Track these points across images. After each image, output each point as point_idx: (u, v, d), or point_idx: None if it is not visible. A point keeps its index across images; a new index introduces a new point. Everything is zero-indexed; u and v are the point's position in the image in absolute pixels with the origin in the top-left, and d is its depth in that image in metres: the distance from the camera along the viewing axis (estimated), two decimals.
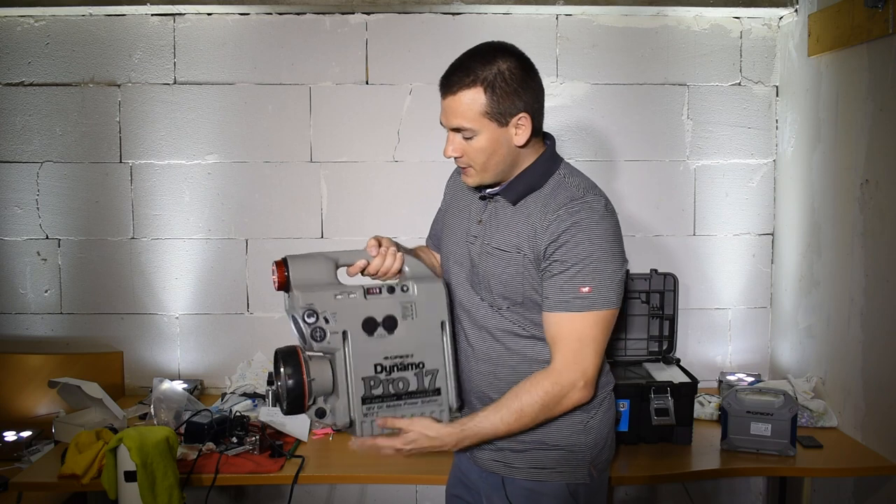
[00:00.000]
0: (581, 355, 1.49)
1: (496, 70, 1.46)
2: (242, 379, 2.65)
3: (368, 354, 1.47)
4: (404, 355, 1.49)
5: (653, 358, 2.49)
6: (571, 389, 1.49)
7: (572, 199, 1.51)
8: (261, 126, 2.71)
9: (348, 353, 1.46)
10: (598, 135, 2.74)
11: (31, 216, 2.71)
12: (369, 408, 1.47)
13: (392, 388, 1.48)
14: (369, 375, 1.47)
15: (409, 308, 1.50)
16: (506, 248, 1.54)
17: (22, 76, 2.66)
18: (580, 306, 1.47)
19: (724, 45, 2.72)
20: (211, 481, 2.02)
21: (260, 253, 2.74)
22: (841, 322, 2.32)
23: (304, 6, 2.63)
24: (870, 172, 2.16)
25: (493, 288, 1.56)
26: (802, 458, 2.13)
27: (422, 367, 1.51)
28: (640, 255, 2.75)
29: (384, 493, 2.83)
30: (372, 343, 1.47)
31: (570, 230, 1.48)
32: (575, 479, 1.59)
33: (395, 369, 1.49)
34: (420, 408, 1.50)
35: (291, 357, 1.44)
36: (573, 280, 1.47)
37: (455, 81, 1.48)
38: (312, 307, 1.44)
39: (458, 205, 1.70)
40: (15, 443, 2.38)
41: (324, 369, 1.46)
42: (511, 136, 1.50)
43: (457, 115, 1.48)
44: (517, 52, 1.53)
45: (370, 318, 1.48)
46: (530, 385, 1.49)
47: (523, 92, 1.49)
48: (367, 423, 1.47)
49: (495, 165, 1.52)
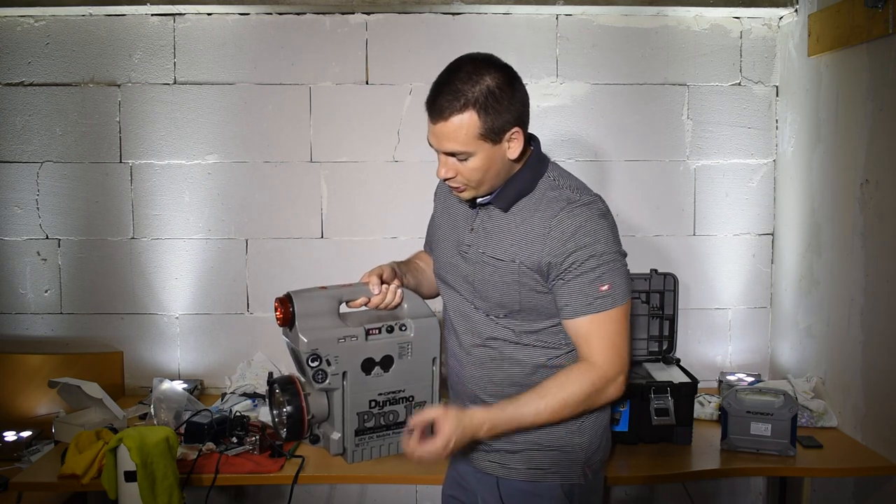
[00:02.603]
0: (617, 351, 1.51)
1: (485, 88, 1.42)
2: (242, 379, 2.65)
3: (364, 392, 1.55)
4: (397, 391, 1.58)
5: (653, 358, 2.49)
6: (612, 383, 1.51)
7: (570, 202, 1.50)
8: (261, 126, 2.71)
9: (347, 392, 1.53)
10: (599, 135, 2.73)
11: (31, 216, 2.71)
12: (361, 438, 1.56)
13: (383, 420, 1.58)
14: (364, 410, 1.55)
15: (406, 347, 1.58)
16: (500, 258, 1.53)
17: (22, 76, 2.66)
18: (604, 305, 1.49)
19: (724, 45, 2.72)
20: (211, 481, 2.02)
21: (260, 253, 2.74)
22: (841, 322, 2.32)
23: (304, 6, 2.63)
24: (870, 172, 2.16)
25: (490, 297, 1.56)
26: (802, 458, 2.14)
27: (411, 400, 1.60)
28: (640, 255, 2.75)
29: (384, 493, 2.83)
30: (369, 381, 1.55)
31: (576, 235, 1.47)
32: (569, 480, 1.60)
33: (387, 403, 1.57)
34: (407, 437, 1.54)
35: (291, 390, 1.52)
36: (593, 283, 1.48)
37: (445, 107, 1.43)
38: (317, 352, 1.50)
39: (447, 213, 1.70)
40: (15, 443, 2.38)
41: (321, 402, 1.54)
42: (505, 150, 1.48)
43: (450, 140, 1.45)
44: (499, 62, 1.48)
45: (369, 359, 1.55)
46: (577, 376, 1.50)
47: (512, 105, 1.46)
48: (359, 452, 1.57)
49: (490, 180, 1.52)
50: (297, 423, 1.51)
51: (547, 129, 2.71)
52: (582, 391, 1.49)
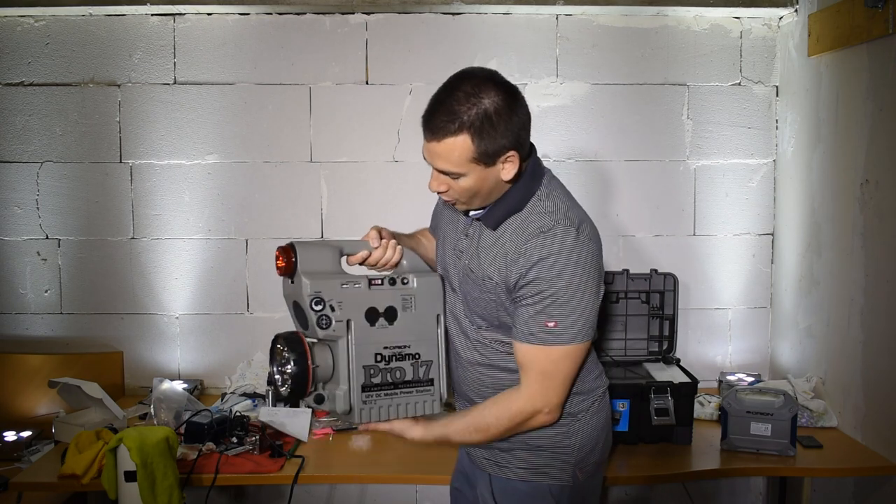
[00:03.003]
0: (545, 386, 1.51)
1: (482, 111, 1.39)
2: (242, 379, 2.65)
3: (370, 343, 1.52)
4: (402, 346, 1.55)
5: (653, 358, 2.49)
6: (537, 415, 1.53)
7: (541, 231, 1.47)
8: (261, 126, 2.71)
9: (351, 342, 1.50)
10: (599, 135, 2.73)
11: (31, 216, 2.71)
12: (368, 395, 1.52)
13: (390, 377, 1.53)
14: (370, 364, 1.52)
15: (409, 300, 1.56)
16: (480, 276, 1.54)
17: (22, 76, 2.66)
18: (545, 340, 1.47)
19: (724, 45, 2.72)
20: (211, 481, 2.01)
21: (260, 253, 2.74)
22: (841, 322, 2.32)
23: (304, 6, 2.63)
24: (870, 172, 2.16)
25: (472, 308, 1.59)
26: (802, 458, 2.14)
27: (417, 358, 1.57)
28: (640, 255, 2.75)
29: (384, 493, 2.83)
30: (373, 333, 1.52)
31: (537, 265, 1.45)
32: (559, 481, 1.60)
33: (393, 359, 1.54)
34: (414, 397, 1.56)
35: (296, 343, 1.48)
36: (539, 315, 1.47)
37: (440, 128, 1.40)
38: (320, 295, 1.48)
39: (449, 211, 1.70)
40: (15, 443, 2.38)
41: (326, 357, 1.50)
42: (498, 171, 1.46)
43: (442, 160, 1.44)
44: (501, 81, 1.43)
45: (373, 308, 1.53)
46: (502, 402, 1.54)
47: (509, 129, 1.42)
48: (366, 410, 1.52)
49: (483, 198, 1.51)
50: (302, 381, 1.47)
51: (547, 129, 2.71)
52: (503, 417, 1.52)
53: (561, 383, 1.52)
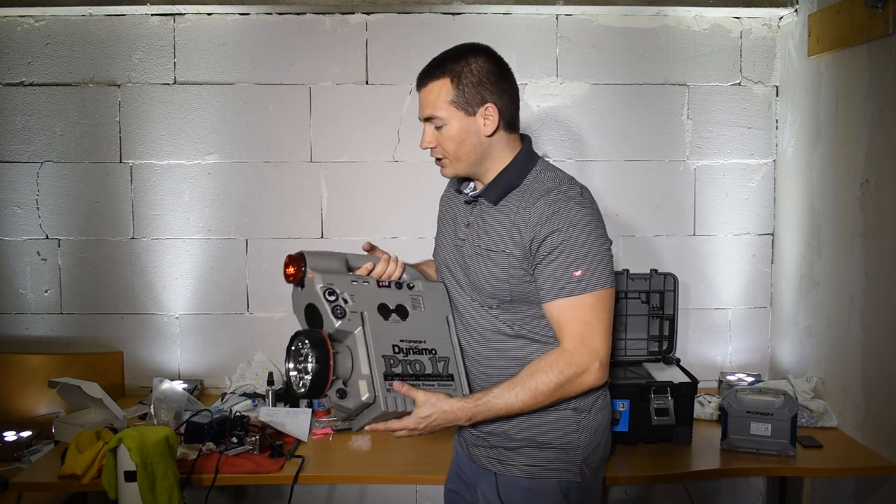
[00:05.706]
0: (589, 337, 1.51)
1: (464, 64, 1.54)
2: (242, 379, 2.65)
3: (385, 336, 1.54)
4: (418, 341, 1.57)
5: (653, 358, 2.49)
6: (586, 371, 1.52)
7: (549, 191, 1.55)
8: (261, 126, 2.71)
9: (368, 332, 1.52)
10: (599, 135, 2.73)
11: (31, 216, 2.71)
12: (391, 384, 1.51)
13: (410, 368, 1.54)
14: (389, 354, 1.53)
15: (418, 300, 1.60)
16: (493, 248, 1.58)
17: (22, 76, 2.66)
18: (577, 290, 1.51)
19: (724, 45, 2.72)
20: (211, 481, 2.01)
21: (260, 253, 2.74)
22: (841, 322, 2.32)
23: (304, 6, 2.63)
24: (870, 172, 2.17)
25: (484, 288, 1.60)
26: (802, 458, 2.14)
27: (435, 354, 1.58)
28: (640, 255, 2.75)
29: (384, 493, 2.83)
30: (388, 326, 1.55)
31: (551, 220, 1.51)
32: (567, 478, 1.61)
33: (411, 352, 1.56)
34: (436, 391, 1.54)
35: (319, 341, 1.48)
36: (566, 268, 1.51)
37: (426, 75, 1.57)
38: (332, 287, 1.52)
39: (447, 214, 1.76)
40: (15, 443, 2.38)
41: (345, 354, 1.52)
42: (479, 126, 1.56)
43: (427, 104, 1.57)
44: (492, 52, 1.59)
45: (384, 304, 1.56)
46: (546, 364, 1.52)
47: (490, 85, 1.54)
48: (391, 398, 1.49)
49: (466, 155, 1.58)
50: (322, 380, 1.46)
51: (547, 129, 2.71)
52: (551, 380, 1.50)
53: (603, 331, 1.52)
